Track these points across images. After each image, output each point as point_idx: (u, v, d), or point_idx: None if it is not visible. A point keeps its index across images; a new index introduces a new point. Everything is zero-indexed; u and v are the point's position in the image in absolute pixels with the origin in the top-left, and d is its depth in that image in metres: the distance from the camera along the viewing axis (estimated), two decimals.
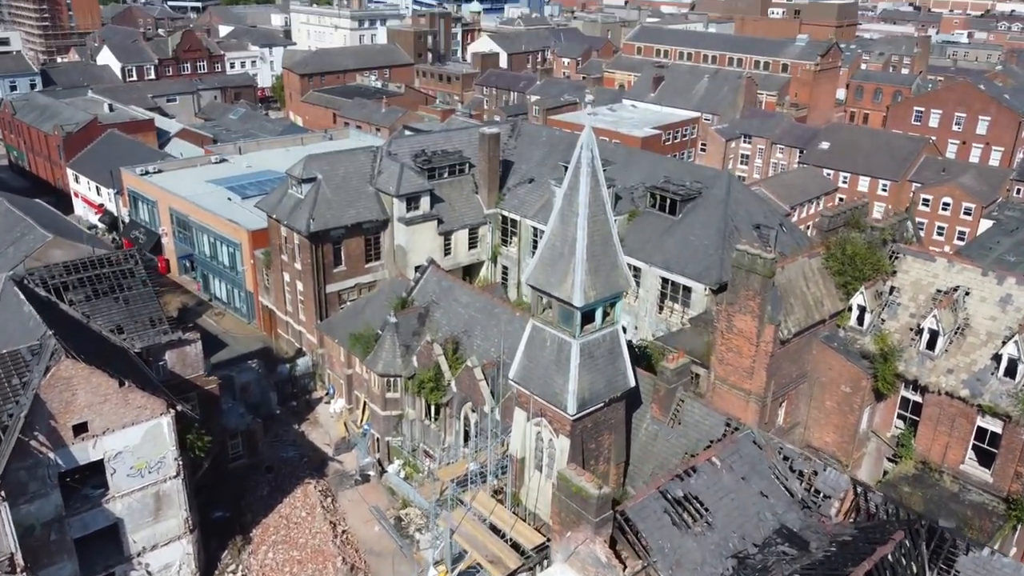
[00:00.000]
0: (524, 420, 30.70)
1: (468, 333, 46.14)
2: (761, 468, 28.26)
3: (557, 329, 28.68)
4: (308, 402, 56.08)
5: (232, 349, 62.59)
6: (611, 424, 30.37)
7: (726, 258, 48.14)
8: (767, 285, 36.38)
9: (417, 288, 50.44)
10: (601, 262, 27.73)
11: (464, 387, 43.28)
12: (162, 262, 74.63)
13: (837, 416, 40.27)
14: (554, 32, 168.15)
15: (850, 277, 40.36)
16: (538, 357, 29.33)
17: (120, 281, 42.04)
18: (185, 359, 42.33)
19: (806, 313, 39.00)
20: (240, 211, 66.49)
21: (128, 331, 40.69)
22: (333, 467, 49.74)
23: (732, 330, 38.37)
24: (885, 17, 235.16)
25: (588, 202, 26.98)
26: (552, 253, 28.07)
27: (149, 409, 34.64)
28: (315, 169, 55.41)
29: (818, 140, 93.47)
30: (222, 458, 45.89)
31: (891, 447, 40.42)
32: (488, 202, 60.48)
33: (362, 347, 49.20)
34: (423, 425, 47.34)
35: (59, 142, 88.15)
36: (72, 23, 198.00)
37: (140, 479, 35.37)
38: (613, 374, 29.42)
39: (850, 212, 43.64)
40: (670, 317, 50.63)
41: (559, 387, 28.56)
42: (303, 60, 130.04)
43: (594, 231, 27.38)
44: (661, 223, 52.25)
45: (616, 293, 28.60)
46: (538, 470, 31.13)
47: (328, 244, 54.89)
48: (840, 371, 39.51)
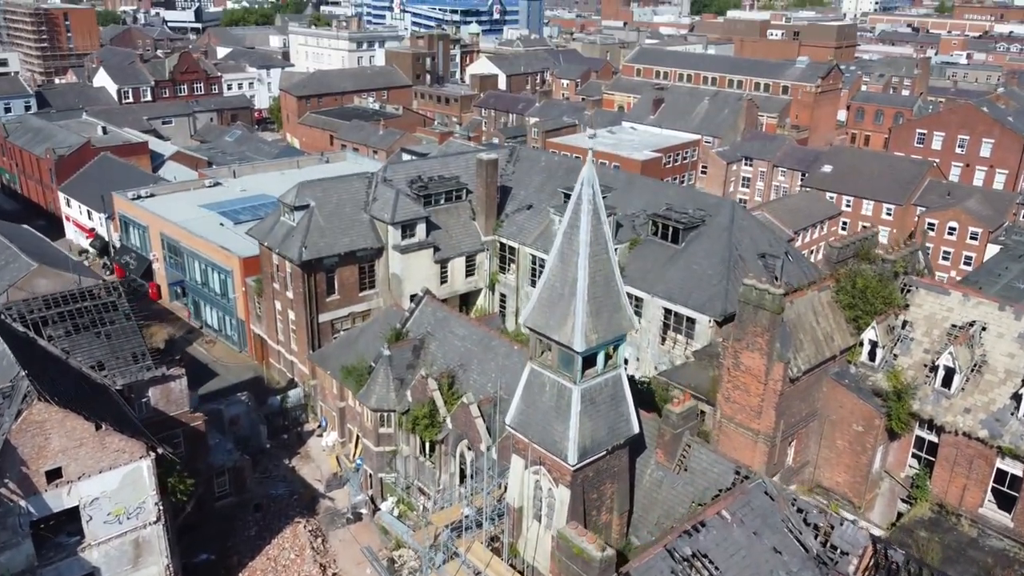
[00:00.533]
0: (522, 467, 29.05)
1: (464, 367, 44.55)
2: (774, 522, 26.60)
3: (557, 374, 27.11)
4: (300, 435, 54.36)
5: (223, 379, 60.99)
6: (614, 472, 28.72)
7: (731, 289, 46.72)
8: (776, 321, 34.87)
9: (412, 319, 48.89)
10: (603, 303, 26.22)
11: (460, 424, 41.63)
12: (153, 288, 73.17)
13: (849, 456, 38.61)
14: (553, 53, 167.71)
15: (861, 311, 38.87)
16: (536, 402, 27.74)
17: (102, 315, 40.48)
18: (169, 395, 40.70)
19: (816, 349, 37.46)
20: (232, 237, 65.08)
21: (110, 367, 39.09)
22: (324, 504, 47.96)
23: (739, 367, 36.80)
24: (884, 38, 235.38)
25: (589, 240, 25.50)
26: (551, 294, 26.56)
27: (128, 453, 32.96)
28: (308, 196, 54.03)
29: (820, 163, 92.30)
30: (208, 497, 44.12)
31: (905, 488, 38.74)
32: (486, 229, 59.06)
33: (355, 380, 47.58)
34: (418, 462, 45.62)
35: (51, 165, 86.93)
36: (71, 44, 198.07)
37: (118, 526, 33.64)
38: (616, 420, 27.81)
39: (859, 243, 42.23)
40: (673, 349, 49.06)
41: (559, 435, 26.94)
42: (300, 82, 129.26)
43: (595, 271, 25.88)
44: (663, 252, 50.81)
45: (619, 335, 27.06)
46: (537, 520, 29.44)
47: (321, 272, 53.41)
48: (852, 409, 37.91)
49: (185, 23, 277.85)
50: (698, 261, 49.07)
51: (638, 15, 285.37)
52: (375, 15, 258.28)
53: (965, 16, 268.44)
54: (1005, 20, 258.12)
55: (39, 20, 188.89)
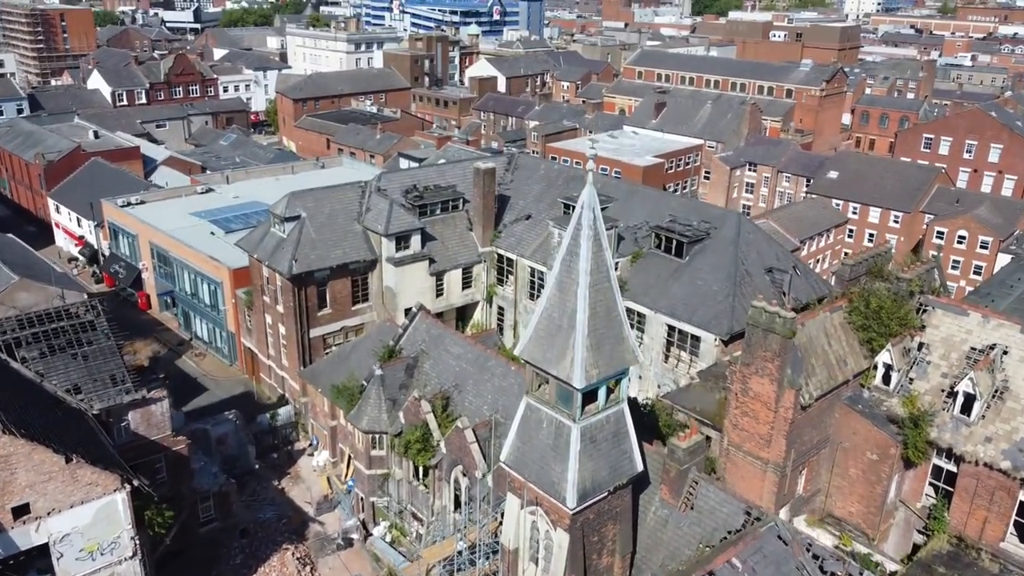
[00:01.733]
0: (518, 507, 27.22)
1: (459, 388, 42.71)
2: (788, 570, 24.76)
3: (555, 410, 25.28)
4: (290, 454, 52.53)
5: (212, 394, 59.20)
6: (615, 513, 26.89)
7: (737, 306, 44.92)
8: (787, 346, 33.03)
9: (405, 336, 47.03)
10: (604, 336, 24.38)
11: (454, 449, 39.78)
12: (142, 298, 71.40)
13: (862, 485, 36.75)
14: (553, 55, 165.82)
15: (875, 333, 37.03)
16: (533, 440, 25.91)
17: (79, 335, 38.65)
18: (150, 419, 38.86)
19: (828, 374, 35.61)
20: (223, 246, 63.24)
21: (87, 391, 37.22)
22: (314, 529, 46.12)
23: (748, 393, 34.96)
24: (887, 40, 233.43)
25: (589, 269, 23.66)
26: (549, 325, 24.72)
27: (100, 486, 31.09)
28: (299, 207, 52.24)
29: (826, 169, 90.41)
30: (191, 523, 42.24)
31: (922, 519, 36.89)
32: (483, 240, 57.24)
33: (346, 400, 45.76)
34: (411, 486, 43.78)
35: (40, 171, 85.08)
36: (67, 46, 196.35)
37: (91, 562, 31.75)
38: (618, 459, 25.98)
39: (872, 260, 40.39)
40: (676, 367, 47.23)
41: (557, 476, 25.11)
42: (297, 85, 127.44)
43: (596, 301, 24.05)
44: (667, 266, 48.98)
45: (621, 370, 25.22)
46: (533, 563, 27.61)
47: (312, 286, 51.62)
48: (866, 437, 36.05)
49: (184, 24, 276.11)
50: (703, 276, 47.24)
51: (639, 16, 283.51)
52: (374, 16, 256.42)
53: (968, 17, 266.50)
54: (1009, 21, 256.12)
55: (35, 21, 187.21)
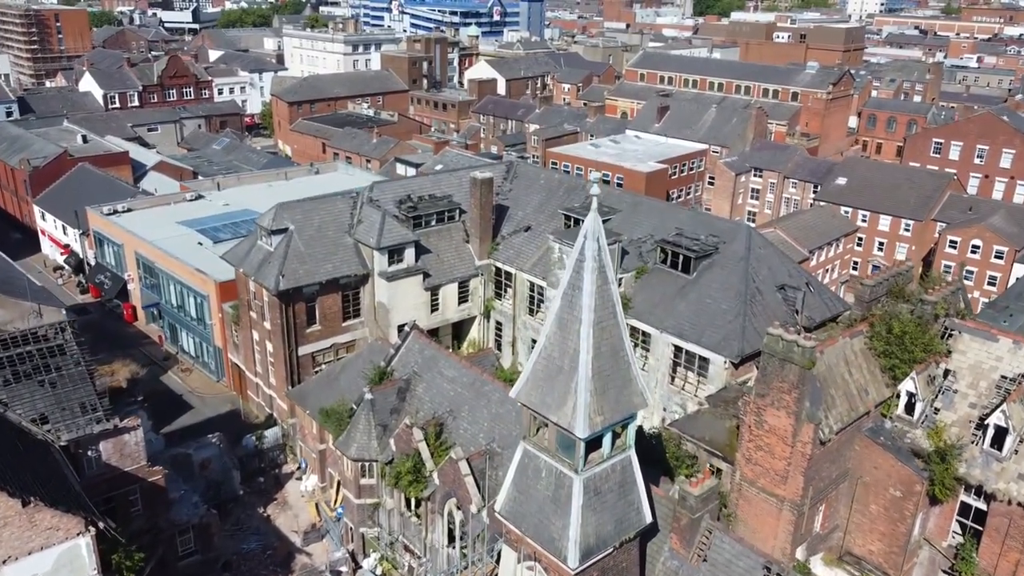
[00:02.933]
0: (514, 561, 24.76)
1: (454, 414, 40.28)
2: None
3: (555, 459, 22.83)
4: (277, 478, 50.09)
5: (198, 412, 56.82)
6: (621, 569, 24.45)
7: (748, 326, 42.46)
8: (806, 377, 30.60)
9: (397, 357, 44.60)
10: (610, 379, 21.94)
11: (448, 481, 37.33)
12: (128, 309, 69.02)
13: (884, 522, 34.31)
14: (554, 57, 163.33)
15: (898, 360, 34.58)
16: (531, 490, 23.46)
17: (47, 360, 36.19)
18: (123, 449, 36.45)
19: (849, 405, 33.17)
20: (210, 258, 60.74)
21: (54, 420, 34.73)
22: (300, 561, 43.71)
23: (762, 427, 32.52)
24: (891, 41, 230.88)
25: (593, 306, 21.21)
26: (548, 367, 22.27)
27: (62, 530, 28.70)
28: (287, 219, 49.78)
29: (834, 175, 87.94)
30: (170, 557, 39.83)
31: (948, 559, 34.46)
32: (480, 253, 54.74)
33: (334, 424, 43.34)
34: (403, 517, 41.35)
35: (26, 176, 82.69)
36: (62, 47, 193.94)
37: None
38: (625, 511, 23.53)
39: (892, 280, 37.95)
40: (683, 389, 44.76)
41: (557, 531, 22.66)
42: (292, 87, 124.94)
43: (601, 341, 21.61)
44: (673, 282, 46.51)
45: (628, 415, 22.76)
46: None
47: (300, 302, 49.17)
48: (889, 472, 33.61)
49: (182, 24, 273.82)
50: (711, 294, 44.76)
51: (640, 16, 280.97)
52: (373, 16, 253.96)
53: (973, 18, 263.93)
54: (1015, 22, 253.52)
55: (29, 21, 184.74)
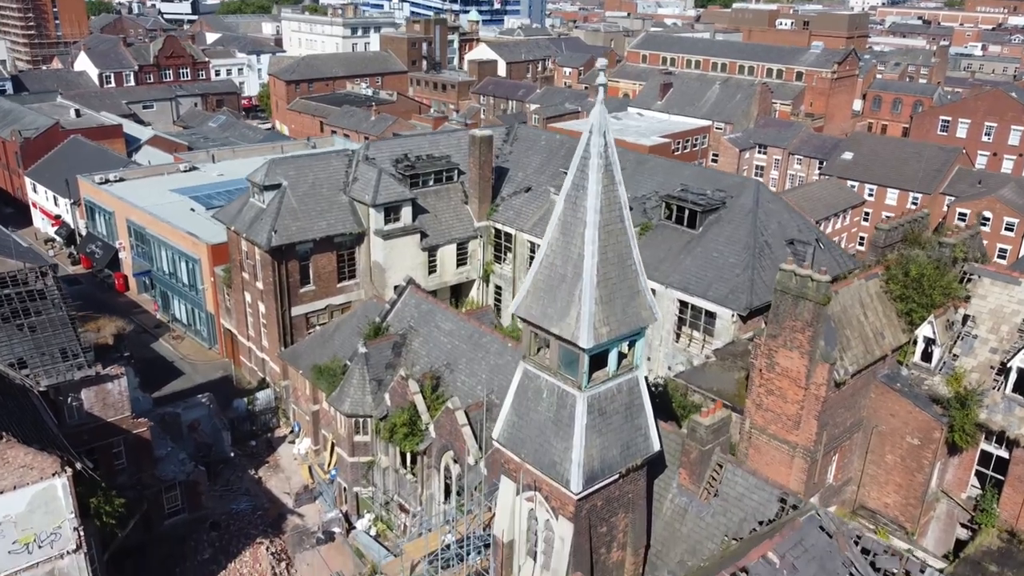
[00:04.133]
0: (513, 493, 23.26)
1: (451, 367, 38.81)
2: (833, 566, 20.80)
3: (557, 377, 21.31)
4: (269, 442, 48.61)
5: (188, 378, 55.29)
6: (627, 500, 22.93)
7: (757, 279, 40.97)
8: (820, 315, 29.07)
9: (393, 312, 43.17)
10: (617, 288, 20.42)
11: (444, 433, 35.87)
12: (119, 279, 67.45)
13: (900, 473, 32.82)
14: (555, 41, 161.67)
15: (915, 304, 33.08)
16: (531, 413, 21.94)
17: (27, 304, 34.73)
18: (106, 399, 34.95)
19: (865, 348, 31.67)
20: (203, 223, 59.34)
21: (33, 365, 33.31)
22: (292, 522, 42.20)
23: (774, 369, 31.00)
24: (894, 30, 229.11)
25: (599, 206, 19.69)
26: (550, 276, 20.75)
27: (37, 469, 27.17)
28: (279, 175, 48.25)
29: (840, 151, 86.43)
30: (156, 515, 38.37)
31: (967, 511, 32.98)
32: (479, 214, 53.25)
33: (327, 381, 41.87)
34: (398, 475, 39.89)
35: (17, 148, 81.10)
36: (59, 32, 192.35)
37: (27, 556, 27.85)
38: (631, 436, 22.02)
39: (908, 225, 36.44)
40: (689, 347, 43.27)
41: (559, 455, 21.14)
42: (290, 67, 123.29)
43: (607, 246, 20.10)
44: (678, 238, 45.01)
45: (636, 329, 21.25)
46: (531, 558, 23.66)
47: (294, 260, 47.63)
48: (906, 419, 32.12)
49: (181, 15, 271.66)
50: (718, 248, 43.26)
51: (642, 7, 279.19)
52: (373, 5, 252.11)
53: (977, 8, 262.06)
54: (1019, 12, 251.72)
55: (26, 7, 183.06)
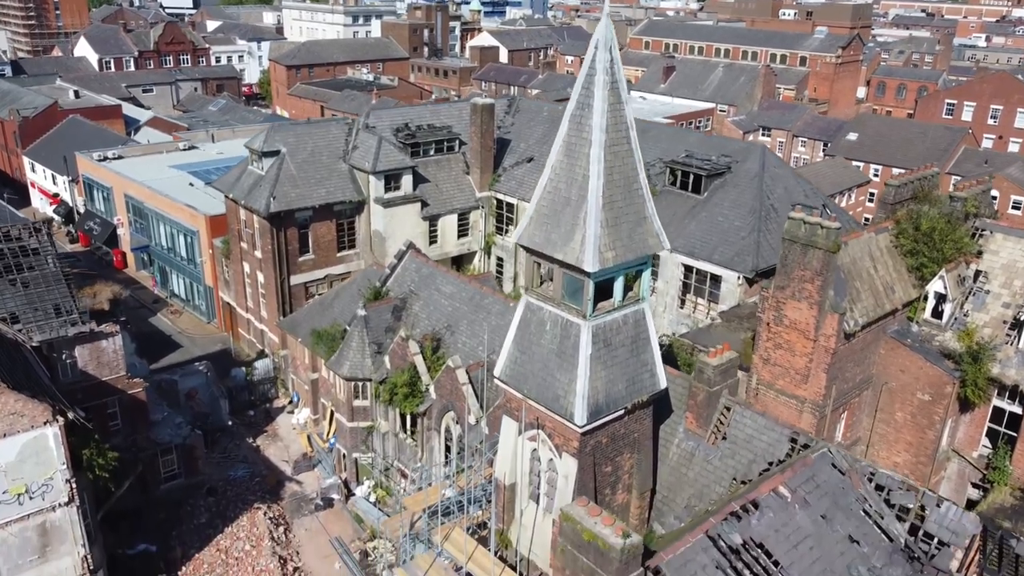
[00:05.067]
0: (515, 433, 22.60)
1: (452, 329, 38.13)
2: (846, 502, 20.13)
3: (561, 308, 20.65)
4: (268, 412, 47.97)
5: (186, 351, 54.66)
6: (633, 440, 22.26)
7: (763, 242, 40.32)
8: (830, 263, 28.36)
9: (393, 277, 42.49)
10: (623, 212, 19.76)
11: (445, 393, 35.19)
12: (117, 255, 66.87)
13: (911, 431, 32.13)
14: (557, 30, 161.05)
15: (926, 258, 32.41)
16: (533, 347, 21.28)
17: (19, 259, 34.08)
18: (101, 357, 34.39)
19: (875, 301, 30.99)
20: (201, 196, 58.75)
21: (25, 321, 32.67)
22: (290, 489, 41.58)
23: (782, 322, 30.31)
24: (898, 23, 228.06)
25: (605, 125, 19.01)
26: (554, 200, 20.08)
27: (27, 417, 26.55)
28: (278, 141, 47.64)
29: (845, 132, 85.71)
30: (151, 478, 37.78)
31: (979, 470, 32.30)
32: (481, 184, 52.60)
33: (326, 346, 41.18)
34: (398, 439, 39.23)
35: (15, 128, 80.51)
36: (59, 23, 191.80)
37: (18, 507, 27.24)
38: (637, 370, 21.35)
39: (918, 182, 35.73)
40: (694, 313, 42.60)
41: (562, 387, 20.47)
42: (291, 52, 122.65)
43: (613, 168, 19.43)
44: (683, 203, 44.34)
45: (643, 257, 20.58)
46: (533, 501, 23.02)
47: (293, 228, 47.01)
48: (917, 374, 31.43)
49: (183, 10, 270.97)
50: (724, 212, 42.60)
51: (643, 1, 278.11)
52: None
53: (981, 1, 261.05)
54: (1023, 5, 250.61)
55: None
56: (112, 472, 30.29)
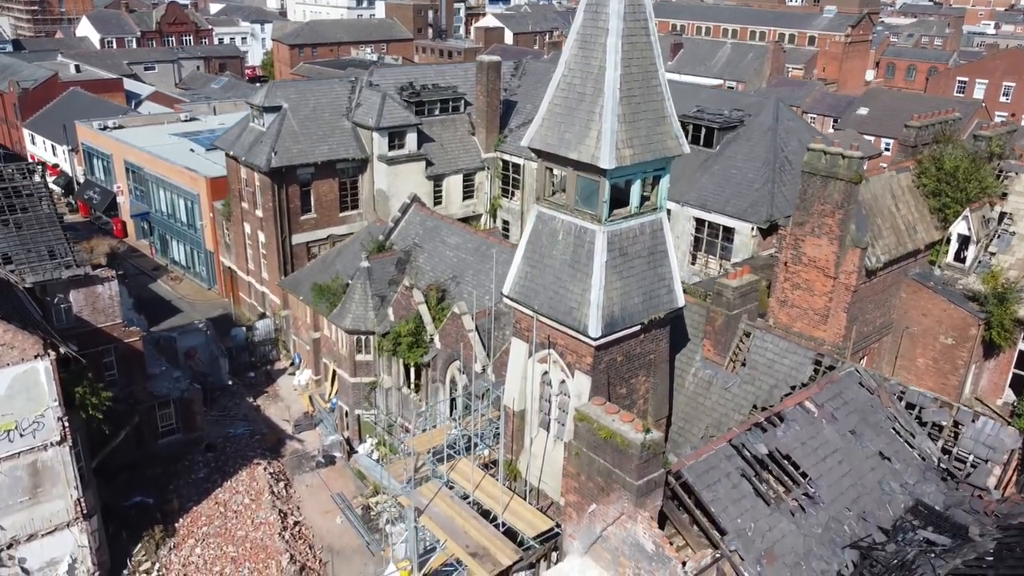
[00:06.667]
0: (524, 355, 21.51)
1: (457, 279, 37.12)
2: (876, 419, 19.03)
3: (574, 215, 19.55)
4: (269, 373, 46.98)
5: (186, 315, 53.54)
6: (649, 361, 21.17)
7: (777, 193, 39.17)
8: (852, 194, 27.20)
9: (397, 230, 41.53)
10: (641, 108, 18.65)
11: (451, 342, 34.16)
12: (117, 224, 65.82)
13: (933, 377, 30.99)
14: (562, 14, 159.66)
15: (949, 199, 31.26)
16: (545, 260, 20.19)
17: (12, 200, 33.07)
18: (96, 302, 33.41)
19: (897, 239, 29.85)
20: (202, 161, 57.77)
21: (18, 262, 31.69)
22: (291, 447, 40.61)
23: (800, 260, 29.16)
24: (905, 11, 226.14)
25: (623, 12, 17.90)
26: (567, 97, 18.97)
27: (17, 349, 25.56)
28: (280, 97, 46.54)
29: (855, 107, 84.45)
30: (149, 432, 36.81)
31: (1003, 419, 31.06)
32: (487, 145, 51.48)
33: (327, 300, 40.21)
34: (401, 394, 38.21)
35: (15, 99, 79.55)
36: (62, 8, 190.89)
37: (8, 444, 26.30)
38: (654, 285, 20.26)
39: (940, 125, 34.53)
40: (705, 269, 41.46)
41: (575, 299, 19.38)
42: (294, 31, 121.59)
43: (631, 60, 18.32)
44: (695, 157, 43.02)
45: (661, 160, 19.49)
46: (544, 429, 21.93)
47: (294, 185, 45.90)
48: (940, 317, 30.30)
49: None
50: (737, 165, 41.43)
51: None
52: None
53: None
54: None
55: None
56: (106, 414, 29.31)
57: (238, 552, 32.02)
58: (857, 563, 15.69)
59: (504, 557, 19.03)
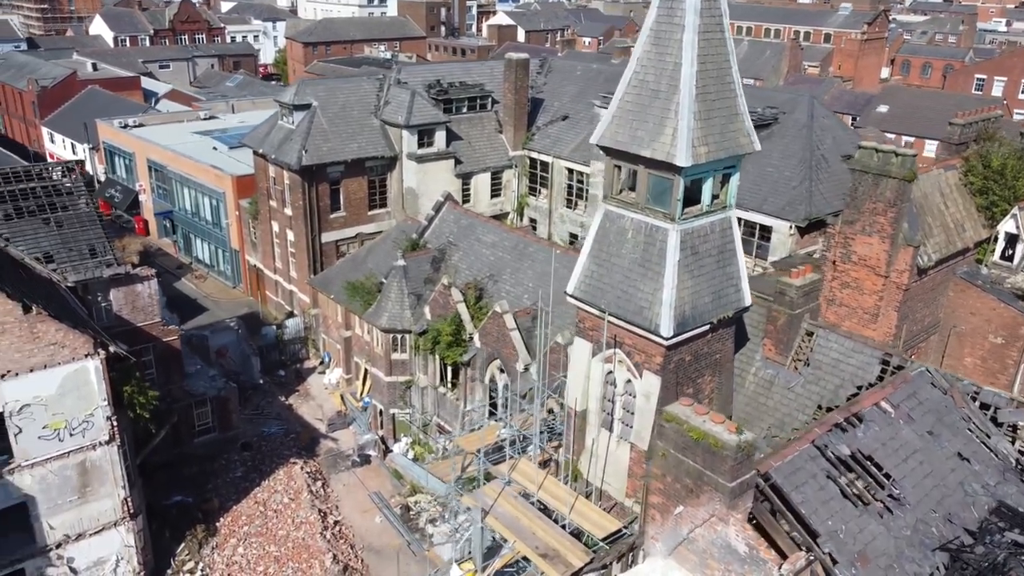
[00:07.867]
0: (588, 355, 21.33)
1: (495, 278, 36.95)
2: (951, 420, 18.83)
3: (645, 213, 19.36)
4: (299, 372, 46.85)
5: (212, 314, 53.43)
6: (716, 360, 20.99)
7: (815, 191, 38.93)
8: (904, 193, 27.03)
9: (431, 229, 41.38)
10: (716, 105, 18.47)
11: (491, 341, 34.00)
12: (139, 222, 65.75)
13: (981, 376, 30.72)
14: (574, 12, 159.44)
15: (996, 196, 31.08)
16: (613, 259, 20.00)
17: (52, 199, 33.00)
18: (136, 301, 33.29)
19: (947, 238, 29.67)
20: (226, 160, 57.65)
21: (60, 260, 31.59)
22: (325, 446, 40.48)
23: (850, 259, 28.99)
24: (916, 8, 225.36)
25: (699, 7, 17.71)
26: (640, 94, 18.77)
27: (68, 348, 25.45)
28: (309, 95, 46.39)
29: (874, 104, 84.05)
30: (186, 431, 36.70)
31: None
32: (514, 143, 51.27)
33: (362, 299, 40.06)
34: (437, 393, 38.07)
35: (34, 98, 79.52)
36: (72, 6, 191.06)
37: (58, 443, 26.15)
38: (723, 283, 20.09)
39: (982, 123, 34.35)
40: None
41: (646, 299, 19.20)
42: (307, 29, 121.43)
43: (706, 57, 18.12)
44: None
45: (734, 156, 19.32)
46: (607, 429, 21.76)
47: (324, 183, 45.78)
48: (988, 316, 30.09)
49: None
50: (772, 163, 41.16)
51: None
52: None
53: None
54: None
55: None
56: (153, 413, 29.19)
57: (281, 552, 31.91)
58: (948, 566, 15.52)
59: (575, 558, 18.86)
